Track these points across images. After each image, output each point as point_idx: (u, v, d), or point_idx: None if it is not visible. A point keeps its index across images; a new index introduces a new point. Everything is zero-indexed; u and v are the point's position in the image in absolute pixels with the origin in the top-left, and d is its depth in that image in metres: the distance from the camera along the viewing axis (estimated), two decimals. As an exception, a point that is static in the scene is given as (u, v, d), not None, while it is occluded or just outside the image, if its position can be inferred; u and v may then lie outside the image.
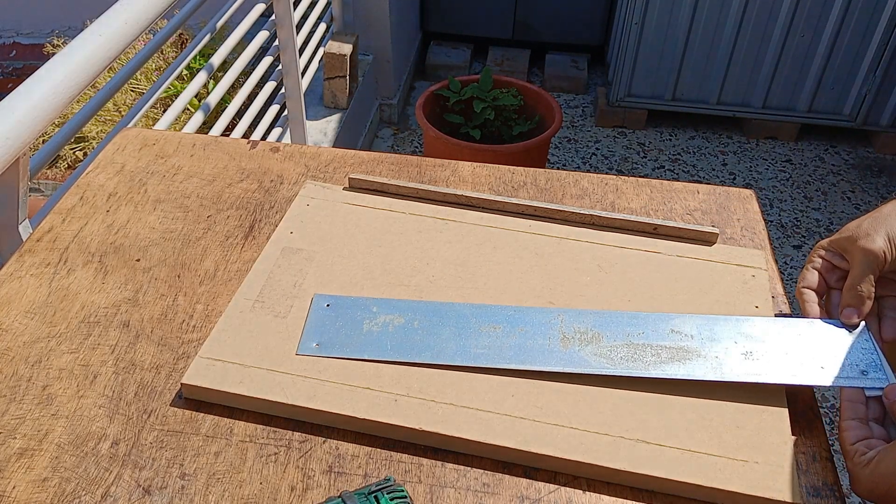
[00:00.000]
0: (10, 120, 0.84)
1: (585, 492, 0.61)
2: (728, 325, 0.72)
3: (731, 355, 0.69)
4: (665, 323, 0.72)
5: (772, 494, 0.59)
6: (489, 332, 0.72)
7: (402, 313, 0.74)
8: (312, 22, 2.27)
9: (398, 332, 0.72)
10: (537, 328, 0.72)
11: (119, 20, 1.07)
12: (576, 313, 0.74)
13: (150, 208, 0.88)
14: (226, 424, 0.66)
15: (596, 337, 0.71)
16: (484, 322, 0.73)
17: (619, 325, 0.72)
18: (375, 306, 0.74)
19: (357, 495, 0.57)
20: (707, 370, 0.68)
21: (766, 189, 2.73)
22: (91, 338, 0.73)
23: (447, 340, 0.71)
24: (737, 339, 0.70)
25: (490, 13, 3.21)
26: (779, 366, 0.67)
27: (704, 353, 0.69)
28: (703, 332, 0.71)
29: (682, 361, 0.68)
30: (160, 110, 2.18)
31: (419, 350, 0.70)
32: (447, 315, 0.73)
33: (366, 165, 0.95)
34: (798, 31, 2.69)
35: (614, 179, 0.94)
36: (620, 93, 2.92)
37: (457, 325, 0.72)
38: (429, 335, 0.71)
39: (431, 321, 0.73)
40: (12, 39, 3.34)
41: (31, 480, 0.61)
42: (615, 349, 0.70)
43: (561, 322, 0.72)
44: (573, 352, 0.70)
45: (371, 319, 0.73)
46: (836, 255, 0.72)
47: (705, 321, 0.72)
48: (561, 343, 0.70)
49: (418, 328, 0.72)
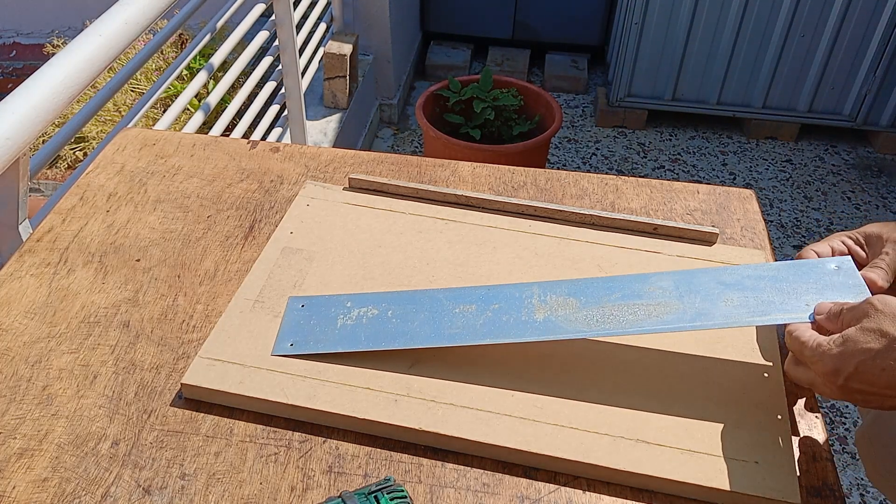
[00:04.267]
0: (10, 120, 0.84)
1: (585, 492, 0.61)
2: (707, 275, 0.69)
3: (711, 304, 0.66)
4: (642, 282, 0.70)
5: (772, 494, 0.59)
6: (463, 313, 0.71)
7: (377, 305, 0.73)
8: (312, 22, 2.27)
9: (372, 322, 0.72)
10: (511, 303, 0.71)
11: (119, 20, 1.07)
12: (550, 284, 0.72)
13: (150, 208, 0.88)
14: (226, 424, 0.66)
15: (570, 304, 0.69)
16: (458, 303, 0.72)
17: (594, 290, 0.70)
18: (350, 301, 0.74)
19: (357, 495, 0.57)
20: (686, 321, 0.66)
21: (766, 189, 2.73)
22: (91, 338, 0.73)
23: (421, 325, 0.70)
24: (716, 288, 0.68)
25: (490, 13, 3.21)
26: (761, 308, 0.65)
27: (683, 306, 0.67)
28: (680, 286, 0.69)
29: (659, 316, 0.66)
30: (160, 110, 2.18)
31: (393, 337, 0.70)
32: (421, 301, 0.73)
33: (366, 165, 0.95)
34: (798, 31, 2.69)
35: (614, 179, 0.94)
36: (620, 93, 2.92)
37: (430, 309, 0.72)
38: (403, 322, 0.71)
39: (405, 308, 0.72)
40: (12, 39, 3.34)
41: (31, 480, 0.61)
42: (591, 313, 0.68)
43: (535, 294, 0.71)
44: (548, 321, 0.68)
45: (345, 314, 0.73)
46: (856, 244, 0.70)
47: (683, 275, 0.70)
48: (535, 314, 0.69)
49: (392, 317, 0.72)
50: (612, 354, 0.70)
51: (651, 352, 0.71)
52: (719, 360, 0.70)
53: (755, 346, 0.71)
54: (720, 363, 0.70)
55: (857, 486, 1.81)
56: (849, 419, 1.97)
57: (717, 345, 0.71)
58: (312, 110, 2.46)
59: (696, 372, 0.69)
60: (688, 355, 0.70)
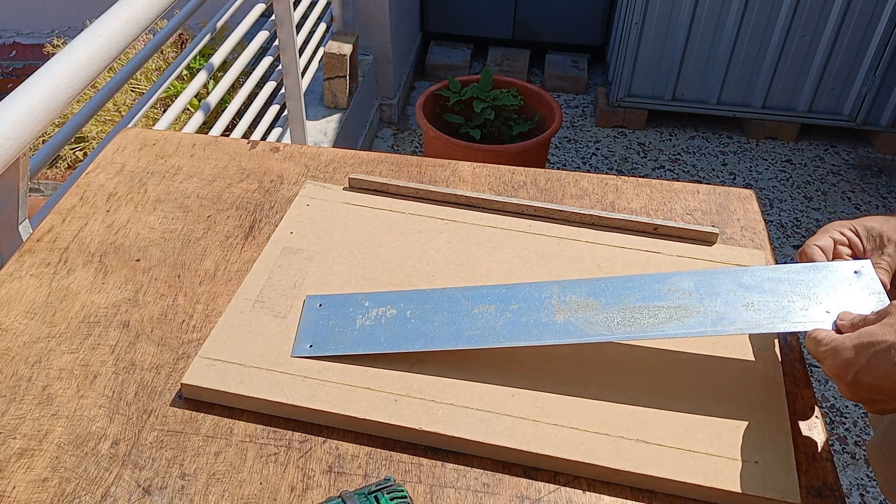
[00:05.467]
0: (10, 120, 0.84)
1: (585, 492, 0.61)
2: (727, 277, 0.69)
3: (731, 308, 0.66)
4: (662, 283, 0.70)
5: (772, 494, 0.59)
6: (482, 313, 0.71)
7: (395, 304, 0.73)
8: (312, 22, 2.27)
9: (391, 323, 0.71)
10: (530, 303, 0.71)
11: (119, 20, 1.07)
12: (569, 284, 0.72)
13: (150, 208, 0.88)
14: (226, 424, 0.66)
15: (590, 305, 0.69)
16: (476, 303, 0.72)
17: (613, 290, 0.70)
18: (367, 301, 0.74)
19: (357, 495, 0.57)
20: (706, 326, 0.65)
21: (766, 189, 2.73)
22: (91, 338, 0.73)
23: (441, 326, 0.70)
24: (737, 290, 0.68)
25: (490, 13, 3.21)
26: (782, 314, 0.65)
27: (704, 309, 0.67)
28: (701, 288, 0.68)
29: (680, 319, 0.66)
30: (160, 110, 2.18)
31: (413, 339, 0.70)
32: (439, 301, 0.73)
33: (366, 165, 0.95)
34: (798, 31, 2.69)
35: (614, 179, 0.94)
36: (620, 93, 2.92)
37: (449, 309, 0.72)
38: (422, 323, 0.71)
39: (424, 309, 0.72)
40: (12, 39, 3.34)
41: (31, 480, 0.61)
42: (611, 315, 0.68)
43: (554, 295, 0.71)
44: (569, 322, 0.68)
45: (364, 314, 0.73)
46: (855, 235, 0.69)
47: (703, 276, 0.70)
48: (556, 315, 0.69)
49: (411, 317, 0.72)
50: (613, 354, 0.70)
51: (651, 352, 0.71)
52: (719, 360, 0.70)
53: (755, 347, 0.71)
54: (720, 363, 0.70)
55: (857, 486, 1.81)
56: (848, 419, 1.97)
57: (718, 345, 0.71)
58: (312, 110, 2.46)
59: (696, 372, 0.69)
60: (688, 355, 0.70)
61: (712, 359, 0.70)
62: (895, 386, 0.55)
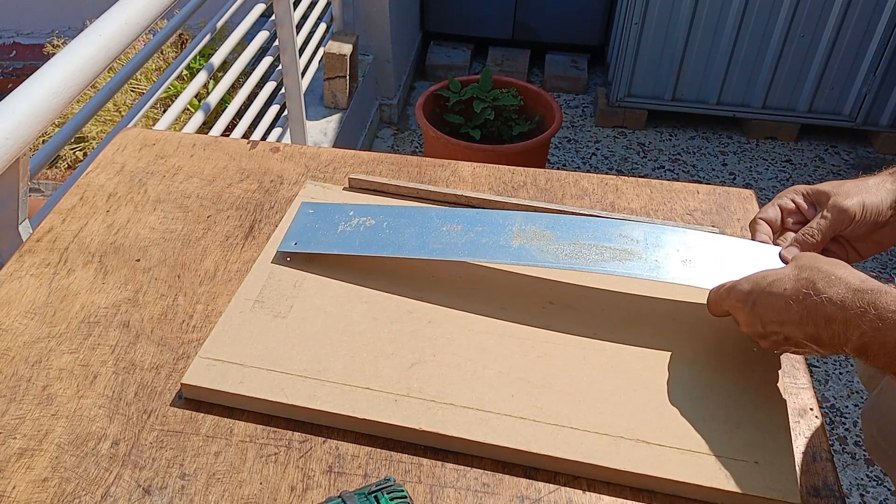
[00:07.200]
0: (10, 120, 0.84)
1: (585, 492, 0.61)
2: (674, 234, 0.75)
3: (670, 260, 0.72)
4: (614, 228, 0.76)
5: (772, 494, 0.59)
6: (449, 231, 0.77)
7: (374, 216, 0.80)
8: (312, 22, 2.27)
9: (368, 231, 0.79)
10: (493, 227, 0.77)
11: (119, 20, 1.07)
12: (532, 216, 0.78)
13: (150, 208, 0.88)
14: (226, 424, 0.66)
15: (546, 236, 0.75)
16: (446, 222, 0.78)
17: (570, 227, 0.76)
18: (353, 210, 0.82)
19: (357, 495, 0.57)
20: (644, 270, 0.72)
21: (766, 189, 2.73)
22: (91, 338, 0.73)
23: (410, 238, 0.77)
24: (679, 247, 0.74)
25: (490, 13, 3.21)
26: (711, 274, 0.70)
27: (645, 256, 0.73)
28: (648, 238, 0.74)
29: (622, 261, 0.72)
30: (160, 110, 2.18)
31: (383, 246, 0.77)
32: (414, 217, 0.79)
33: (366, 165, 0.95)
34: (798, 31, 2.69)
35: (614, 179, 0.94)
36: (620, 93, 2.92)
37: (421, 224, 0.78)
38: (394, 233, 0.78)
39: (399, 223, 0.79)
40: (12, 39, 3.34)
41: (31, 480, 0.61)
42: (562, 247, 0.74)
43: (517, 223, 0.77)
44: (522, 248, 0.74)
45: (346, 221, 0.80)
46: (806, 202, 0.74)
47: (652, 229, 0.76)
48: (513, 240, 0.75)
49: (386, 228, 0.79)
50: (613, 354, 0.70)
51: (651, 352, 0.71)
52: (719, 361, 0.70)
53: (755, 347, 0.71)
54: (720, 363, 0.70)
55: (857, 487, 1.81)
56: (849, 419, 1.97)
57: (718, 345, 0.71)
58: (312, 110, 2.46)
59: (696, 372, 0.69)
60: (688, 356, 0.70)
61: (712, 359, 0.70)
62: (782, 315, 0.60)
